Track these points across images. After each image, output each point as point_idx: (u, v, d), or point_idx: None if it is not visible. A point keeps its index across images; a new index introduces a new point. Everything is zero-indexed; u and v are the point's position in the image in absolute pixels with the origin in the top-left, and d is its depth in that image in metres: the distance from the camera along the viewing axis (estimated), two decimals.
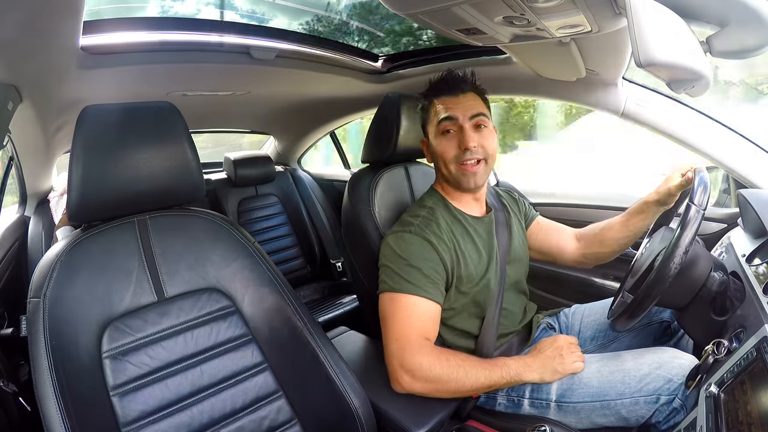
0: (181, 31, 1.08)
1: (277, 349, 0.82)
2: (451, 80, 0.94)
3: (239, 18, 1.34)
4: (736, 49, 0.61)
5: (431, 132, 0.96)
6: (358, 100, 1.79)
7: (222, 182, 2.07)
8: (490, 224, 1.00)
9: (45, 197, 1.51)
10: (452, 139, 0.91)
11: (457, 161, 0.91)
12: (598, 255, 1.08)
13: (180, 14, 1.31)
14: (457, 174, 0.92)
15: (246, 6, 1.34)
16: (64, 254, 0.71)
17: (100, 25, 0.95)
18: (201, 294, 0.81)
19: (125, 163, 0.74)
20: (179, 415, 0.73)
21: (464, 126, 0.90)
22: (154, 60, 1.07)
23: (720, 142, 1.10)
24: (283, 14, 1.42)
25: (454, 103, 0.92)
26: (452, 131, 0.92)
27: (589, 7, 0.66)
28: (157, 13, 1.26)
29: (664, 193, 0.92)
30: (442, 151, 0.92)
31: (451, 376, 0.79)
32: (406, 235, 0.89)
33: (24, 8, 0.63)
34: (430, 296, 0.85)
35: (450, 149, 0.91)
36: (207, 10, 1.34)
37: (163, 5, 1.29)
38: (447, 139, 0.92)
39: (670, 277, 0.67)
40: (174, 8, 1.30)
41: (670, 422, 0.75)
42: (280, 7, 1.38)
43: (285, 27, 1.39)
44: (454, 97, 0.93)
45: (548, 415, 0.86)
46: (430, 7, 0.72)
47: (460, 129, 0.91)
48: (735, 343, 0.67)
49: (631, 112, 1.16)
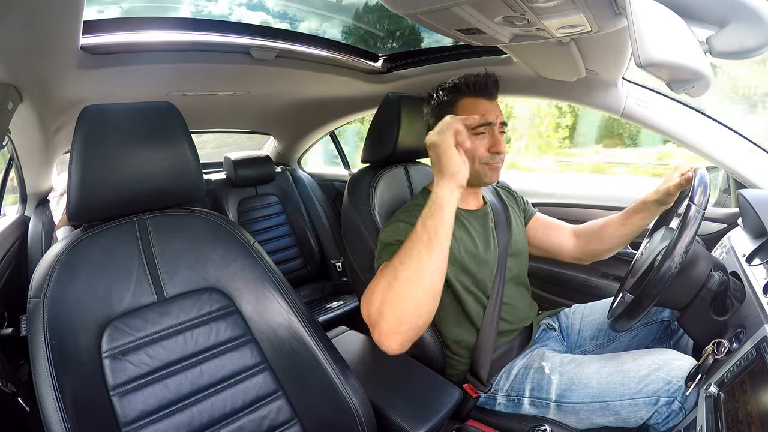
0: (180, 31, 1.08)
1: (276, 349, 0.82)
2: (489, 84, 0.95)
3: (271, 19, 1.34)
4: (736, 49, 0.61)
5: None
6: (358, 100, 1.79)
7: (222, 182, 2.07)
8: (485, 217, 1.00)
9: (45, 197, 1.51)
10: (483, 140, 0.93)
11: (485, 161, 0.93)
12: (596, 252, 1.08)
13: (210, 15, 1.32)
14: (482, 171, 0.94)
15: (277, 8, 1.34)
16: (64, 254, 0.71)
17: (100, 25, 0.95)
18: (201, 294, 0.81)
19: (125, 163, 0.74)
20: (179, 415, 0.73)
21: (495, 131, 0.93)
22: (154, 60, 1.07)
23: (720, 142, 1.10)
24: (314, 17, 1.42)
25: (490, 108, 0.94)
26: (485, 133, 0.93)
27: (589, 7, 0.66)
28: (191, 13, 1.27)
29: (663, 193, 0.93)
30: (473, 150, 0.92)
31: (389, 281, 0.67)
32: (393, 224, 0.90)
33: (24, 8, 0.63)
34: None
35: (479, 149, 0.93)
36: (239, 11, 1.34)
37: (197, 5, 1.29)
38: (478, 140, 0.93)
39: (670, 277, 0.67)
40: (207, 8, 1.31)
41: (669, 424, 0.75)
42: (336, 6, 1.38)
43: (312, 30, 1.40)
44: (489, 101, 0.94)
45: (548, 415, 0.86)
46: (430, 7, 0.72)
47: (492, 133, 0.93)
48: (735, 343, 0.67)
49: (631, 113, 1.17)
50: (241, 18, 1.33)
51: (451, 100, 0.96)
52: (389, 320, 0.66)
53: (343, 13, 1.42)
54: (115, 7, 1.14)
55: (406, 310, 0.66)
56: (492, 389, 0.94)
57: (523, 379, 0.91)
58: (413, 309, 0.66)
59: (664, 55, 0.55)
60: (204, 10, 1.30)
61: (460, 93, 0.95)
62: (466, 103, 0.94)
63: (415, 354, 0.98)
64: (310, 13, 1.42)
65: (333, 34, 1.48)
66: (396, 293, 0.66)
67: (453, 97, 0.95)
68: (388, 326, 0.66)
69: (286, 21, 1.40)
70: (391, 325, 0.66)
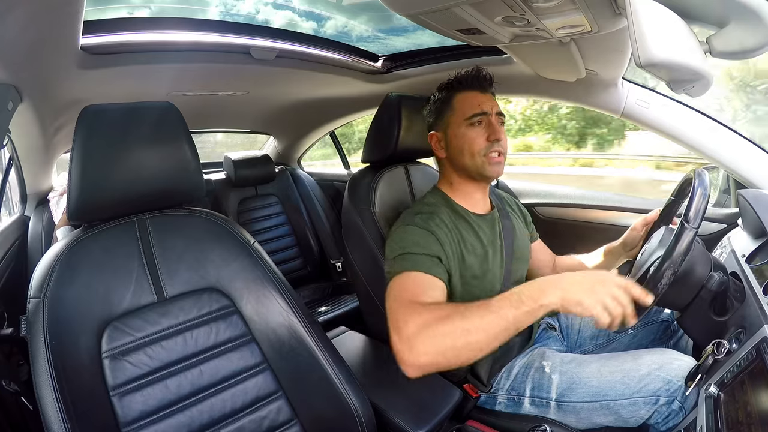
0: (180, 31, 1.08)
1: (276, 349, 0.82)
2: (481, 77, 0.96)
3: (296, 18, 1.34)
4: (736, 49, 0.61)
5: (454, 123, 0.96)
6: (358, 100, 1.79)
7: (222, 182, 2.07)
8: (493, 221, 1.00)
9: (45, 197, 1.51)
10: (481, 131, 0.93)
11: (484, 152, 0.93)
12: None
13: (237, 15, 1.31)
14: (482, 163, 0.93)
15: (303, 6, 1.34)
16: (64, 254, 0.71)
17: (100, 25, 0.95)
18: (201, 294, 0.81)
19: (125, 163, 0.74)
20: (179, 416, 0.73)
21: (492, 120, 0.93)
22: (154, 60, 1.07)
23: (720, 142, 1.10)
24: (341, 13, 1.41)
25: (484, 99, 0.95)
26: (482, 123, 0.94)
27: (589, 7, 0.66)
28: (219, 14, 1.27)
29: (630, 239, 1.03)
30: (470, 142, 0.93)
31: (448, 326, 0.65)
32: (408, 227, 0.89)
33: (24, 8, 0.63)
34: (425, 270, 0.80)
35: (478, 140, 0.93)
36: (266, 10, 1.34)
37: (226, 3, 1.29)
38: (476, 131, 0.93)
39: (666, 284, 0.67)
40: (236, 7, 1.31)
41: (669, 423, 0.75)
42: (337, 6, 1.37)
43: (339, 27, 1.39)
44: (483, 94, 0.96)
45: (548, 415, 0.86)
46: (431, 8, 0.72)
47: (488, 123, 0.93)
48: (735, 344, 0.67)
49: (631, 113, 1.17)
50: (268, 19, 1.33)
51: (446, 98, 0.98)
52: (428, 350, 0.65)
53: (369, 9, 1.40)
54: (144, 8, 1.14)
55: (452, 355, 0.65)
56: (492, 389, 0.94)
57: (523, 378, 0.91)
58: (461, 355, 0.65)
59: (664, 55, 0.55)
60: (232, 10, 1.30)
61: (453, 89, 0.98)
62: (460, 98, 0.96)
63: None
64: (336, 11, 1.41)
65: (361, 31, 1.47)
66: (445, 343, 0.64)
67: (448, 94, 0.98)
68: (426, 359, 0.65)
69: (312, 20, 1.39)
70: (429, 359, 0.65)
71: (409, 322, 0.68)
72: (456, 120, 0.96)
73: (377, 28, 1.45)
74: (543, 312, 0.64)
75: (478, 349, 0.64)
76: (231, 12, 1.29)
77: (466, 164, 0.95)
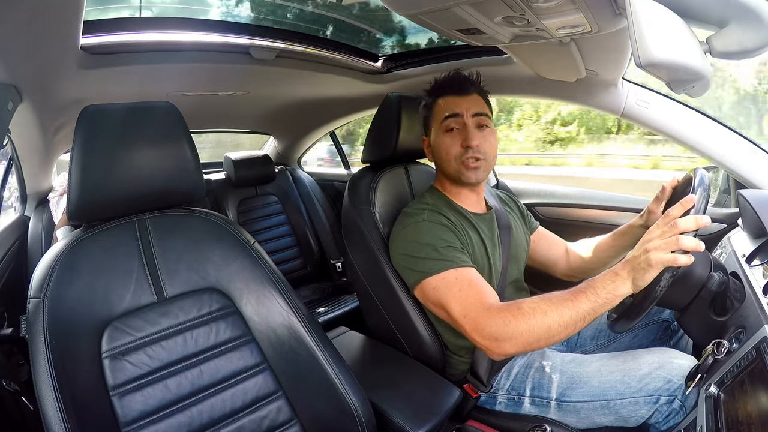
0: (181, 31, 1.08)
1: (276, 349, 0.82)
2: (457, 80, 0.96)
3: (296, 18, 1.34)
4: (736, 49, 0.61)
5: (434, 129, 0.98)
6: (358, 100, 1.79)
7: (222, 182, 2.07)
8: (491, 221, 1.01)
9: (45, 197, 1.51)
10: (455, 137, 0.93)
11: (459, 159, 0.93)
12: (585, 269, 1.12)
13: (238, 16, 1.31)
14: (458, 169, 0.94)
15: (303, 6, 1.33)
16: (64, 254, 0.71)
17: (100, 25, 0.95)
18: (201, 294, 0.81)
19: (125, 163, 0.74)
20: (179, 416, 0.73)
21: (467, 123, 0.93)
22: (154, 60, 1.07)
23: (720, 142, 1.10)
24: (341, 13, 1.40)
25: (459, 102, 0.94)
26: (456, 129, 0.93)
27: (589, 7, 0.66)
28: (219, 15, 1.27)
29: (646, 215, 0.98)
30: (446, 148, 0.94)
31: (531, 323, 0.71)
32: (420, 224, 0.89)
33: (24, 8, 0.63)
34: (467, 264, 0.85)
35: (453, 146, 0.93)
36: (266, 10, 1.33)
37: (227, 4, 1.29)
38: (450, 137, 0.93)
39: (666, 285, 0.67)
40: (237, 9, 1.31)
41: (669, 422, 0.75)
42: (337, 6, 1.37)
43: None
44: (459, 96, 0.95)
45: (548, 415, 0.86)
46: (431, 8, 0.72)
47: (464, 127, 0.93)
48: (735, 344, 0.67)
49: (631, 113, 1.17)
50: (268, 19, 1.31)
51: (430, 104, 1.00)
52: (516, 345, 0.73)
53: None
54: (145, 8, 1.14)
55: (536, 343, 0.72)
56: (492, 388, 0.94)
57: (523, 378, 0.91)
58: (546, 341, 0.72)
59: (664, 55, 0.55)
60: (234, 11, 1.29)
61: (434, 95, 0.99)
62: (440, 103, 0.97)
63: (415, 354, 0.98)
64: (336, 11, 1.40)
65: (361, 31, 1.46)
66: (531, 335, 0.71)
67: (430, 100, 1.00)
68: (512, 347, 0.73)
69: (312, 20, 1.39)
70: (516, 348, 0.73)
71: (489, 322, 0.74)
72: (435, 126, 0.97)
73: (377, 28, 1.45)
74: (618, 301, 0.70)
75: (557, 340, 0.72)
76: (232, 13, 1.29)
77: (447, 170, 0.96)
